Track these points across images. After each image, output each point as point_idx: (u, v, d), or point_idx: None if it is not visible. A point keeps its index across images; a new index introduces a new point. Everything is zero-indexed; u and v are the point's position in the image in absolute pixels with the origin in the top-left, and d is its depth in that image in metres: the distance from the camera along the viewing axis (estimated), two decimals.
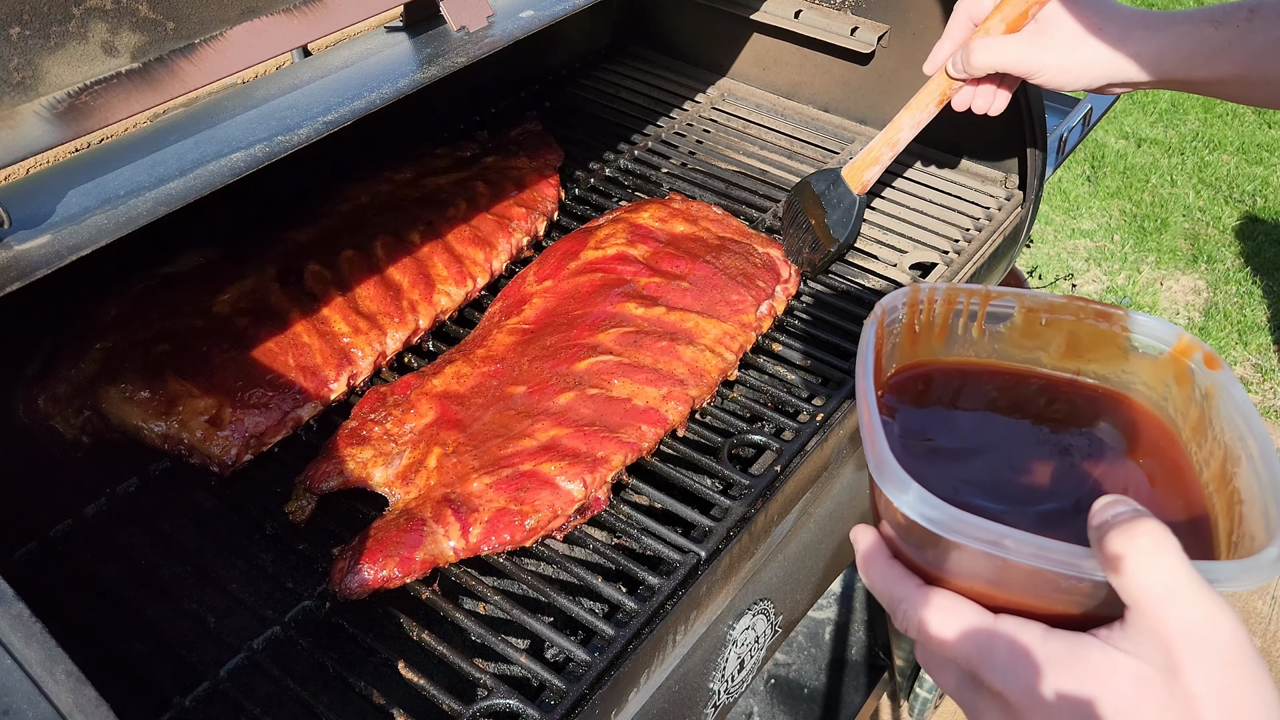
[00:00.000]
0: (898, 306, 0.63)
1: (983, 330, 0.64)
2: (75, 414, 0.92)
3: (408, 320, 1.05)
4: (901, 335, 0.64)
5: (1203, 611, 0.46)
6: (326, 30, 0.78)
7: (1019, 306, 0.63)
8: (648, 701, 0.85)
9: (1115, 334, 0.61)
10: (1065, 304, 0.62)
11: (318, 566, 0.86)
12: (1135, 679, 0.47)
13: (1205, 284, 3.14)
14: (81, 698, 0.51)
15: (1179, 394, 0.59)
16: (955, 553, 0.51)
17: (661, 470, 0.94)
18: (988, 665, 0.50)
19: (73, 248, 0.61)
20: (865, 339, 0.60)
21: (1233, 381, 0.56)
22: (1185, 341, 0.59)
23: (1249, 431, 0.53)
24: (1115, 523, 0.47)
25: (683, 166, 1.36)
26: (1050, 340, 0.63)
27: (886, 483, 0.51)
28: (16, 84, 0.62)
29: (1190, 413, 0.58)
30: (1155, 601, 0.46)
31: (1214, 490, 0.56)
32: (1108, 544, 0.46)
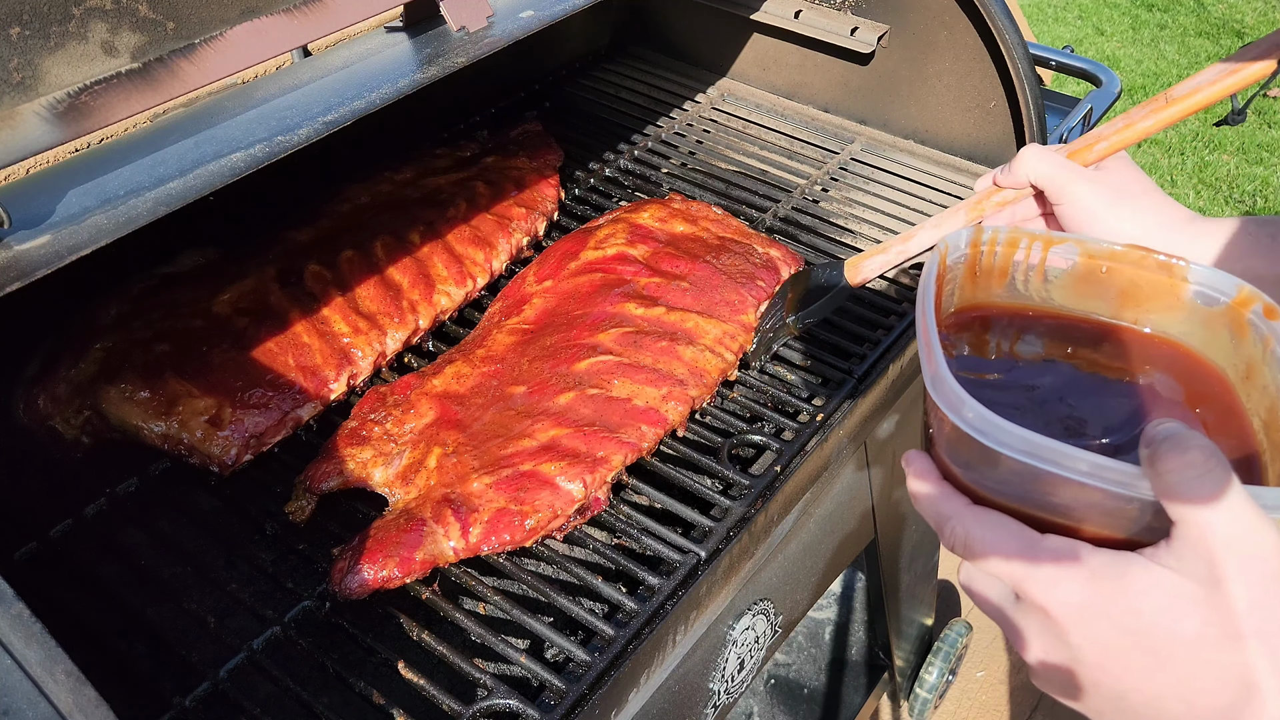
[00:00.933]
0: (961, 245, 0.63)
1: (1043, 276, 0.64)
2: (75, 414, 0.92)
3: (408, 320, 1.05)
4: (962, 275, 0.64)
5: (1247, 524, 0.46)
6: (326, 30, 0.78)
7: (1081, 253, 0.63)
8: (648, 702, 0.85)
9: (1175, 284, 0.61)
10: (1127, 253, 0.62)
11: (318, 566, 0.86)
12: (1177, 592, 0.47)
13: None
14: (81, 698, 0.51)
15: (1235, 344, 0.60)
16: (1006, 471, 0.52)
17: (661, 470, 0.94)
18: (1031, 579, 0.51)
19: (73, 248, 0.61)
20: (928, 272, 0.60)
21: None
22: (1246, 293, 0.59)
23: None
24: (1166, 439, 0.47)
25: (683, 166, 1.36)
26: (1109, 288, 0.63)
27: (942, 397, 0.52)
28: (16, 84, 0.62)
29: (1244, 361, 0.59)
30: (1202, 514, 0.46)
31: (1264, 435, 0.56)
32: (1159, 460, 0.47)
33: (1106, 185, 0.83)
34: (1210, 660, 0.47)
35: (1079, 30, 4.36)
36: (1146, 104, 0.82)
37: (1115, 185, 0.83)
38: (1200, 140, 3.69)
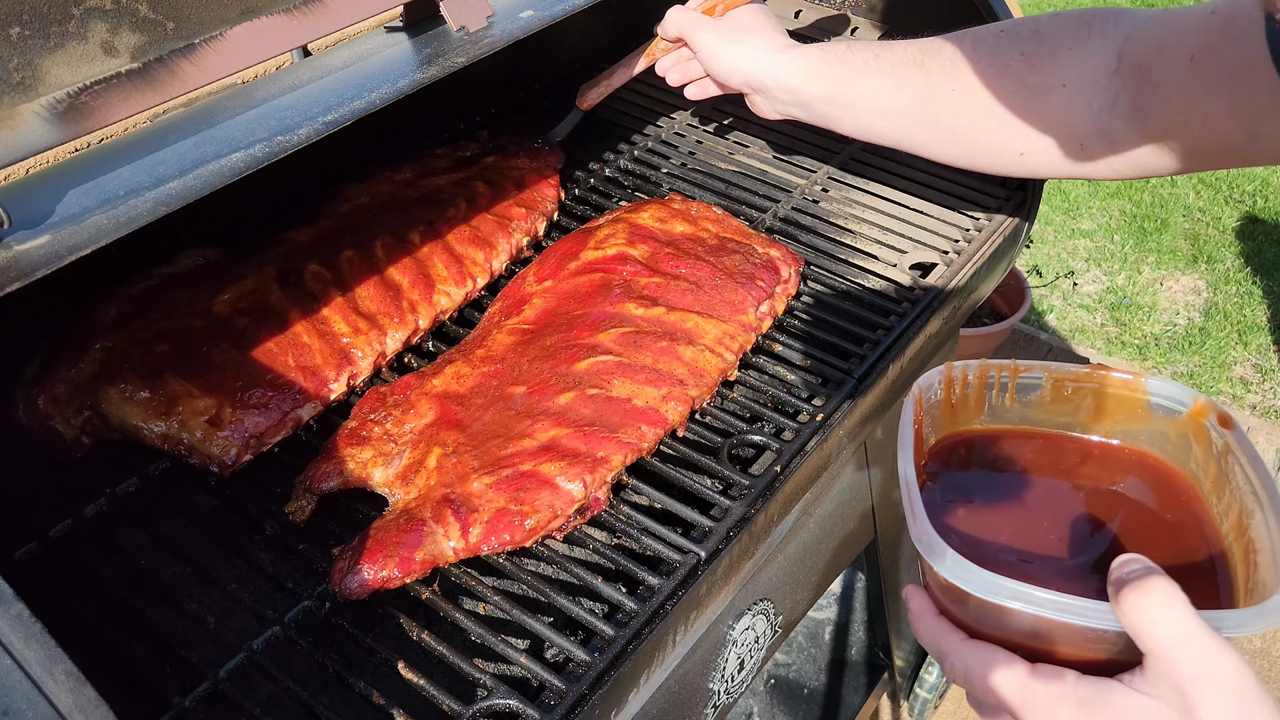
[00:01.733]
0: (934, 384, 0.68)
1: (1015, 400, 0.69)
2: (75, 414, 0.92)
3: (408, 320, 1.05)
4: (940, 410, 0.69)
5: (1210, 656, 0.51)
6: (326, 30, 0.78)
7: (1046, 377, 0.68)
8: (648, 702, 0.85)
9: (1136, 397, 0.66)
10: (1088, 373, 0.68)
11: (318, 567, 0.86)
12: (1157, 718, 0.52)
13: (1205, 284, 3.14)
14: (81, 698, 0.51)
15: (1199, 451, 0.64)
16: (992, 610, 0.57)
17: (661, 470, 0.94)
18: (1028, 709, 0.56)
19: (72, 248, 0.61)
20: (905, 417, 0.65)
21: (1244, 439, 0.62)
22: (1201, 403, 0.64)
23: (1261, 486, 0.59)
24: (1129, 579, 0.53)
25: (683, 166, 1.36)
26: (1079, 406, 0.68)
27: (927, 552, 0.58)
28: (16, 84, 0.62)
29: (1210, 469, 0.64)
30: (1167, 650, 0.51)
31: (1233, 540, 0.60)
32: (1122, 599, 0.52)
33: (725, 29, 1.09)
34: None
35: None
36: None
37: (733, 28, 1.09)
38: None
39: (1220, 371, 2.86)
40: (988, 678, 0.58)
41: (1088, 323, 3.02)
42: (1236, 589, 0.59)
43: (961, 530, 0.64)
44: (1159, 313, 3.05)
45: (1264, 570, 0.56)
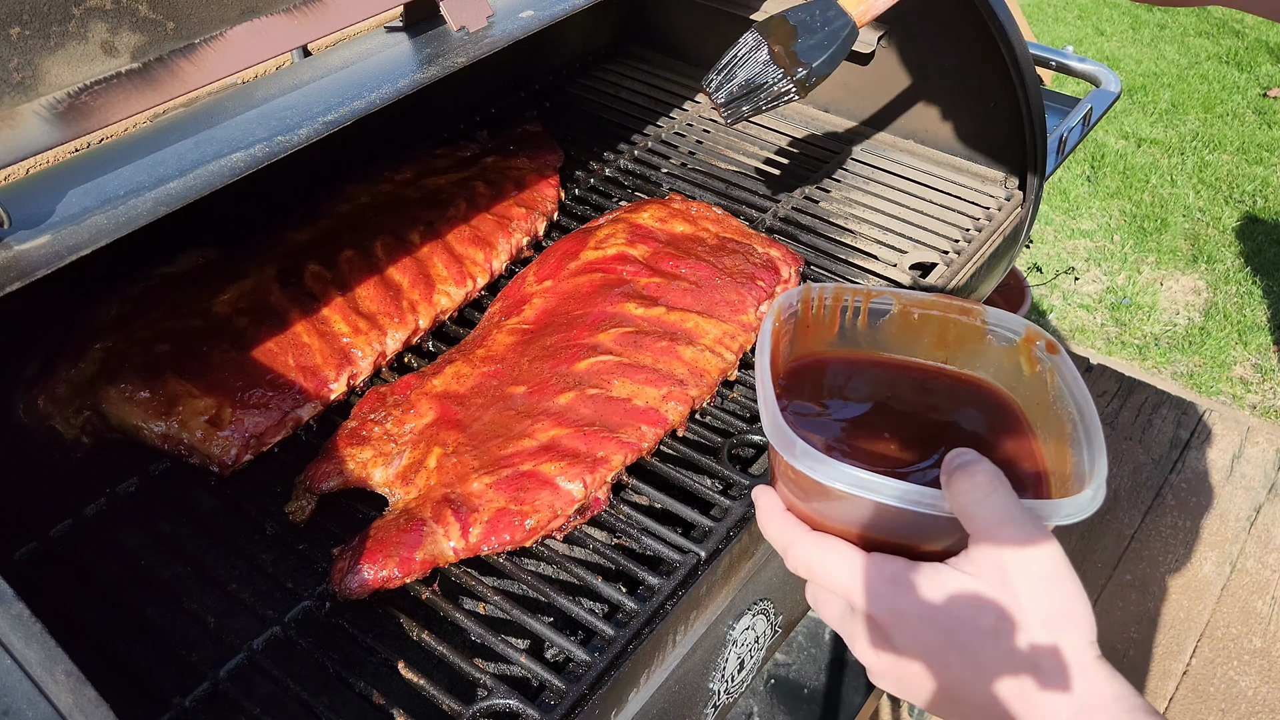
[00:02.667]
0: (793, 303, 0.72)
1: (867, 324, 0.74)
2: (75, 414, 0.92)
3: (408, 320, 1.05)
4: (797, 329, 0.73)
5: (1026, 536, 0.57)
6: (326, 30, 0.78)
7: (896, 303, 0.73)
8: (648, 701, 0.85)
9: (976, 326, 0.72)
10: (933, 301, 0.72)
11: (318, 566, 0.86)
12: (977, 593, 0.57)
13: (1205, 284, 3.14)
14: (81, 698, 0.51)
15: (1028, 374, 0.71)
16: (834, 500, 0.61)
17: (661, 470, 0.94)
18: (859, 592, 0.60)
19: (72, 248, 0.61)
20: (764, 329, 0.68)
21: (1066, 363, 0.68)
22: (1030, 331, 0.70)
23: (1076, 404, 0.65)
24: (959, 466, 0.58)
25: (683, 166, 1.36)
26: (924, 333, 0.74)
27: (778, 442, 0.61)
28: (16, 84, 0.62)
29: (1037, 390, 0.70)
30: (989, 529, 0.57)
31: (1054, 453, 0.67)
32: (952, 483, 0.58)
33: None
34: (1006, 648, 0.56)
35: (1079, 30, 4.36)
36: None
37: None
38: (1200, 140, 3.69)
39: (1220, 371, 2.86)
40: (825, 564, 0.62)
41: (1088, 322, 3.02)
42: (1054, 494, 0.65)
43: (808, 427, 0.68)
44: (1159, 312, 3.05)
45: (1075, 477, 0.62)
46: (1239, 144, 3.66)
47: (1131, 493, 2.49)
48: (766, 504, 0.67)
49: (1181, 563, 2.35)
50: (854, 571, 0.61)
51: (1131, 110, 3.85)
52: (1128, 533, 2.40)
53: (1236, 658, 2.17)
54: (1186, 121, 3.80)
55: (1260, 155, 3.60)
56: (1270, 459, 2.58)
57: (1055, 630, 0.56)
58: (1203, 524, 2.43)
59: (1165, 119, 3.81)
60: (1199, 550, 2.37)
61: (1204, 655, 2.16)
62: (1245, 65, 4.10)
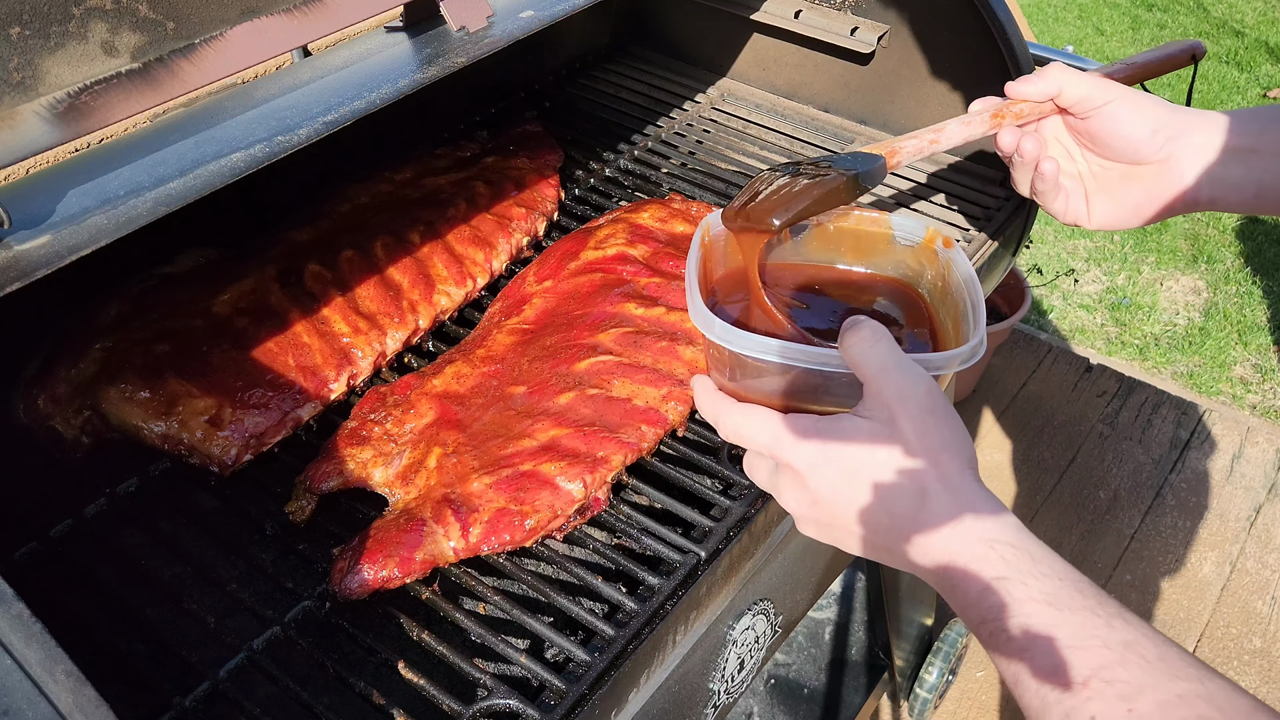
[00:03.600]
0: (719, 222, 0.80)
1: (790, 238, 0.84)
2: (75, 414, 0.92)
3: (408, 320, 1.05)
4: (728, 246, 0.82)
5: (906, 378, 0.65)
6: (326, 30, 0.78)
7: (812, 220, 0.82)
8: (648, 702, 0.85)
9: (883, 232, 0.82)
10: (844, 214, 0.83)
11: (318, 566, 0.86)
12: (870, 432, 0.65)
13: (1205, 284, 3.14)
14: (81, 698, 0.51)
15: (929, 270, 0.81)
16: (752, 373, 0.71)
17: (661, 470, 0.94)
18: (779, 446, 0.68)
19: (72, 248, 0.61)
20: (695, 242, 0.78)
21: (960, 255, 0.78)
22: (930, 232, 0.81)
23: (966, 287, 0.75)
24: (849, 326, 0.68)
25: (683, 166, 1.36)
26: (840, 243, 0.84)
27: (700, 323, 0.71)
28: (16, 84, 0.62)
29: (938, 282, 0.80)
30: (875, 374, 0.66)
31: (950, 331, 0.77)
32: (843, 339, 0.67)
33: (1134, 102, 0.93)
34: (897, 479, 0.64)
35: (1079, 30, 4.36)
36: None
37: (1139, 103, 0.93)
38: None
39: (1220, 371, 2.86)
40: (750, 427, 0.70)
41: (1088, 322, 3.02)
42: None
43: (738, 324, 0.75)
44: (1159, 313, 3.05)
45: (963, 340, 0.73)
46: None
47: (1131, 493, 2.49)
48: (701, 385, 0.76)
49: (1181, 563, 2.35)
50: (773, 431, 0.69)
51: None
52: (1128, 533, 2.40)
53: (1236, 658, 2.17)
54: None
55: None
56: (1270, 459, 2.58)
57: (937, 458, 0.64)
58: (1203, 524, 2.43)
59: None
60: (1199, 550, 2.37)
61: (1204, 655, 2.16)
62: (1245, 65, 4.10)
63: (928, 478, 0.64)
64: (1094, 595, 0.59)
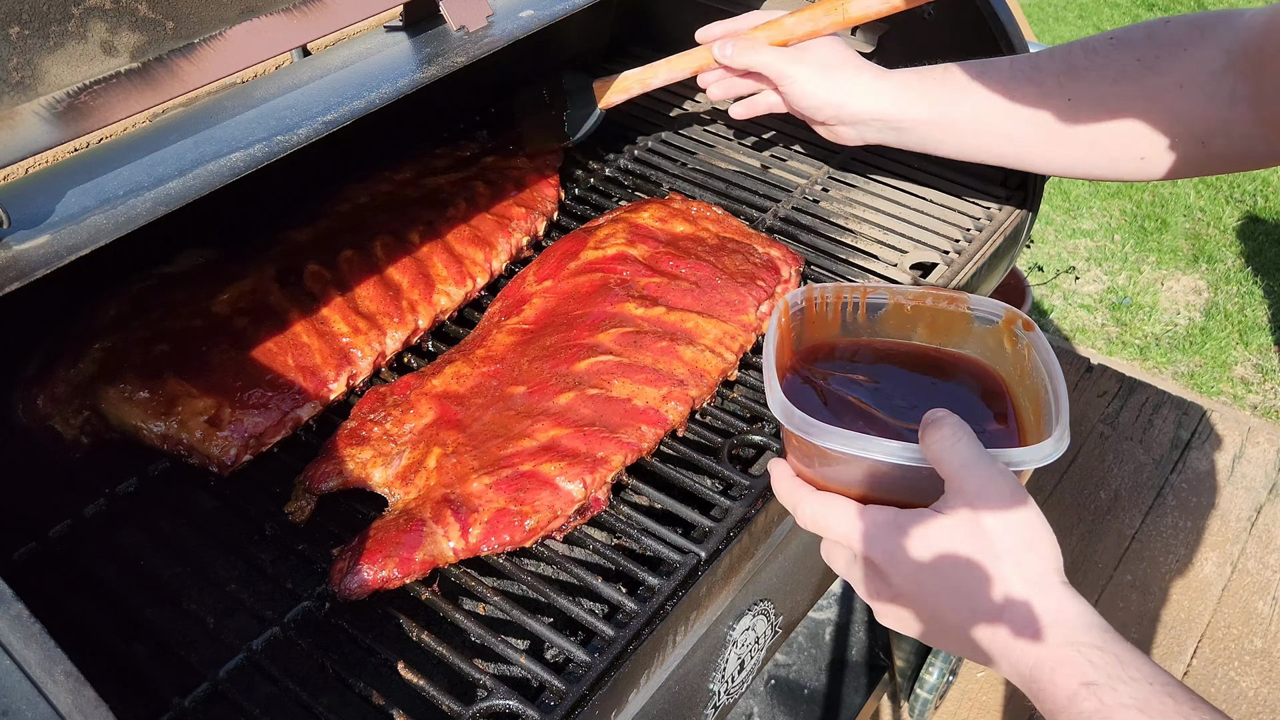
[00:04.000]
0: (798, 300, 0.81)
1: (866, 317, 0.83)
2: (74, 414, 0.92)
3: (407, 320, 1.05)
4: (804, 323, 0.82)
5: (988, 474, 0.64)
6: (326, 30, 0.78)
7: (889, 297, 0.82)
8: (648, 702, 0.85)
9: (961, 312, 0.81)
10: (923, 293, 0.82)
11: (317, 567, 0.86)
12: (952, 529, 0.65)
13: (1206, 284, 3.14)
14: (80, 698, 0.51)
15: (1009, 350, 0.80)
16: (832, 462, 0.71)
17: (661, 471, 0.94)
18: (858, 538, 0.68)
19: (71, 248, 0.61)
20: (772, 323, 0.77)
21: (1040, 338, 0.77)
22: (1009, 313, 0.79)
23: (1048, 372, 0.74)
24: (931, 421, 0.67)
25: (683, 166, 1.36)
26: (917, 322, 0.83)
27: (779, 413, 0.70)
28: (16, 84, 0.62)
29: (1017, 365, 0.79)
30: (957, 470, 0.65)
31: (1031, 417, 0.76)
32: (924, 434, 0.67)
33: (816, 64, 1.10)
34: (980, 576, 0.64)
35: (1079, 30, 4.36)
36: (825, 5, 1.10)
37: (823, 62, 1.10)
38: None
39: (1221, 371, 2.85)
40: (828, 517, 0.70)
41: (1088, 322, 3.02)
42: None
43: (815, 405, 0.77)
44: (1160, 312, 3.05)
45: (1044, 430, 0.71)
46: None
47: (1132, 493, 2.49)
48: (778, 472, 0.76)
49: (1182, 563, 2.35)
50: (852, 522, 0.69)
51: None
52: (1128, 533, 2.40)
53: (1237, 658, 2.16)
54: None
55: None
56: (1271, 459, 2.58)
57: (1021, 558, 0.63)
58: (1203, 524, 2.43)
59: None
60: (1200, 551, 2.37)
61: (1205, 656, 2.16)
62: None
63: (1011, 577, 0.63)
64: (1186, 700, 0.58)
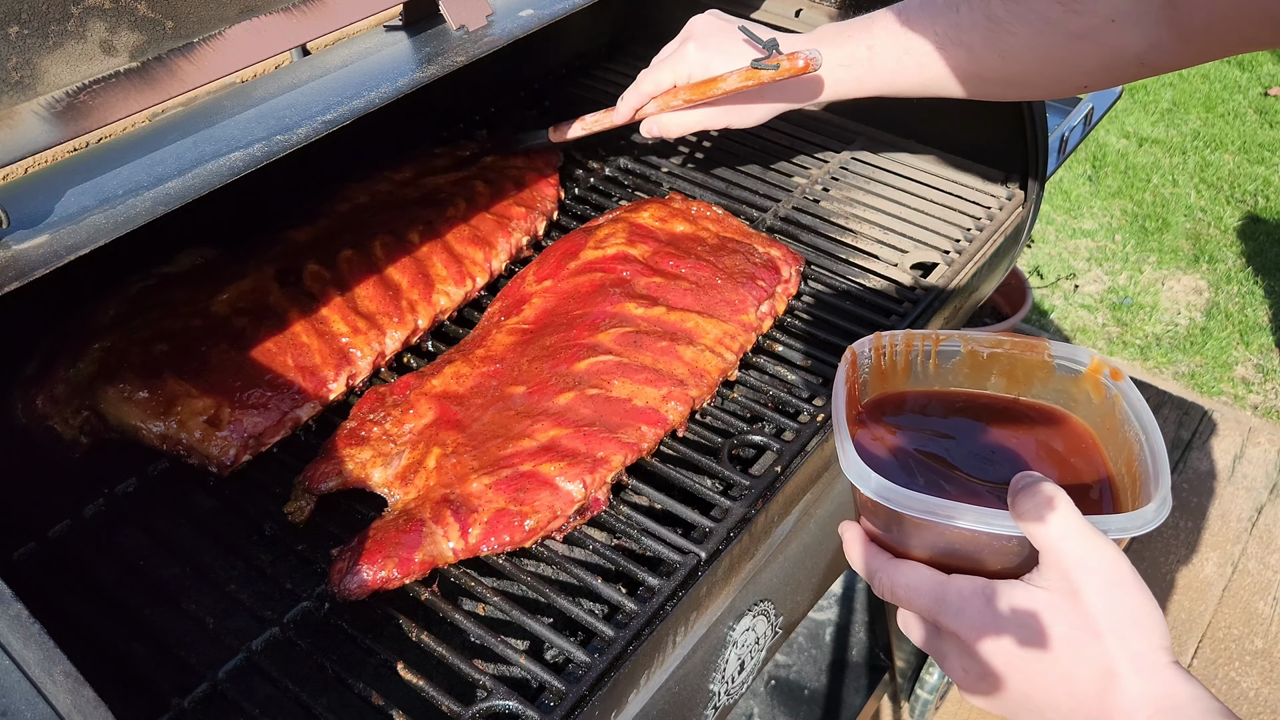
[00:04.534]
0: (865, 350, 0.75)
1: (937, 366, 0.77)
2: (74, 414, 0.92)
3: (407, 320, 1.05)
4: (871, 374, 0.76)
5: (1089, 546, 0.59)
6: (325, 30, 0.78)
7: (963, 345, 0.76)
8: (648, 703, 0.85)
9: (1041, 359, 0.75)
10: (999, 339, 0.76)
11: (317, 567, 0.86)
12: (1049, 604, 0.60)
13: (1207, 284, 3.14)
14: (80, 698, 0.51)
15: (1096, 401, 0.73)
16: (911, 528, 0.65)
17: (661, 471, 0.94)
18: (943, 612, 0.63)
19: (71, 247, 0.61)
20: (840, 376, 0.72)
21: (1131, 389, 0.70)
22: (1096, 360, 0.73)
23: (1143, 427, 0.68)
24: (1023, 487, 0.61)
25: (683, 166, 1.36)
26: (992, 370, 0.76)
27: (854, 476, 0.65)
28: (15, 83, 0.62)
29: (1105, 416, 0.73)
30: (1054, 542, 0.59)
31: (1124, 474, 0.69)
32: (1017, 503, 0.61)
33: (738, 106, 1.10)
34: (1081, 655, 0.59)
35: None
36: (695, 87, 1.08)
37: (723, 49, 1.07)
38: (1202, 140, 3.69)
39: (1222, 371, 2.85)
40: (909, 588, 0.65)
41: (1089, 322, 3.02)
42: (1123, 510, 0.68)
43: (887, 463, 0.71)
44: (1160, 312, 3.05)
45: (1141, 492, 0.66)
46: (1240, 143, 3.66)
47: None
48: (852, 537, 0.70)
49: (1183, 564, 2.34)
50: (935, 593, 0.63)
51: (1133, 109, 3.85)
52: None
53: (1238, 659, 2.16)
54: (1188, 121, 3.80)
55: (1262, 155, 3.60)
56: (1272, 459, 2.58)
57: (1126, 636, 0.58)
58: (1204, 525, 2.43)
59: (1166, 118, 3.81)
60: (1200, 551, 2.37)
61: (1205, 656, 2.16)
62: (1246, 64, 4.10)
63: (1116, 657, 0.58)
64: None
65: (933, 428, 0.75)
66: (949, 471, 0.71)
